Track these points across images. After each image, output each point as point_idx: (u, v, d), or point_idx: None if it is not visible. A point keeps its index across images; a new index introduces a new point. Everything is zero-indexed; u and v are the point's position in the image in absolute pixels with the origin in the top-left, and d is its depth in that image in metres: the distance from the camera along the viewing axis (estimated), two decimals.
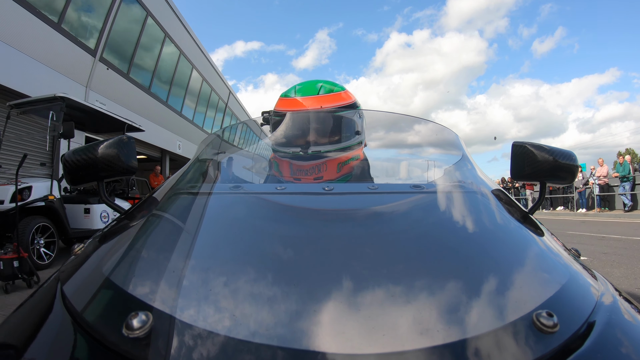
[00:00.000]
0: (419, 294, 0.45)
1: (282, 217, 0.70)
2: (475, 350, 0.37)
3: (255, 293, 0.44)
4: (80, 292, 0.51)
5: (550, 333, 0.39)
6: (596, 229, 7.60)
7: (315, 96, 1.23)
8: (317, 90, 1.25)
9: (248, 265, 0.51)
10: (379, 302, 0.42)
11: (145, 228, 0.67)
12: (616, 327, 0.45)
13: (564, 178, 0.75)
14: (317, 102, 1.20)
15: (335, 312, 0.41)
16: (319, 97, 1.22)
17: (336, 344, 0.37)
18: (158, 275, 0.50)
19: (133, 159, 0.80)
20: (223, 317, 0.41)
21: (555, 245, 0.66)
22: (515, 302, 0.44)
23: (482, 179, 0.89)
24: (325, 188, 0.75)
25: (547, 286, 0.49)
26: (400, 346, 0.37)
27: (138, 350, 0.38)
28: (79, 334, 0.42)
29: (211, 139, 1.15)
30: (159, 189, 0.89)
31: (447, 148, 1.10)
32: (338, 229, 0.63)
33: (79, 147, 0.78)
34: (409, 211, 0.72)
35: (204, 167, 1.02)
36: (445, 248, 0.58)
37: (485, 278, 0.49)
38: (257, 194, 0.81)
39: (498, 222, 0.70)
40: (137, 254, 0.59)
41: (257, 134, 1.31)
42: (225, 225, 0.67)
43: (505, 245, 0.62)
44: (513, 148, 0.80)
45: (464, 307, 0.43)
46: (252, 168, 1.21)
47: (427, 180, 1.07)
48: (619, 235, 6.17)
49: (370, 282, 0.46)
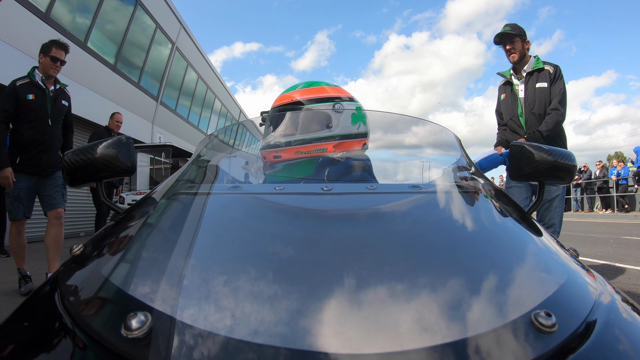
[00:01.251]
0: (417, 293, 0.45)
1: (281, 217, 0.70)
2: (473, 350, 0.37)
3: (254, 293, 0.44)
4: (79, 292, 0.51)
5: (549, 333, 0.39)
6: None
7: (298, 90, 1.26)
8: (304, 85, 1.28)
9: (247, 265, 0.51)
10: (378, 301, 0.42)
11: (144, 228, 0.67)
12: (615, 327, 0.45)
13: (563, 178, 0.76)
14: (299, 94, 1.24)
15: (334, 311, 0.41)
16: (302, 90, 1.26)
17: (335, 343, 0.37)
18: (157, 276, 0.50)
19: (132, 159, 0.80)
20: (222, 317, 0.41)
21: (553, 245, 0.66)
22: (513, 302, 0.44)
23: (480, 179, 0.89)
24: (324, 188, 0.75)
25: (546, 286, 0.49)
26: (399, 346, 0.37)
27: (137, 350, 0.37)
28: (77, 335, 0.42)
29: (209, 139, 1.15)
30: (158, 189, 0.89)
31: (445, 148, 1.10)
32: (337, 229, 0.63)
33: (78, 147, 0.78)
34: (407, 211, 0.73)
35: (203, 167, 1.02)
36: (444, 248, 0.58)
37: (483, 278, 0.50)
38: (256, 194, 0.81)
39: (496, 222, 0.70)
40: (135, 255, 0.59)
41: (255, 135, 1.32)
42: (224, 225, 0.67)
43: (504, 245, 0.62)
44: (512, 148, 0.81)
45: (463, 307, 0.43)
46: (250, 168, 1.21)
47: (425, 180, 1.07)
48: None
49: (369, 281, 0.46)
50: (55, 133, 2.88)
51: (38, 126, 2.78)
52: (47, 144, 2.82)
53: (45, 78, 2.83)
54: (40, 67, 2.82)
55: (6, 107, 2.71)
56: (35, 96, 2.76)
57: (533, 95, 2.45)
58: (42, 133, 2.79)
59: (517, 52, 2.50)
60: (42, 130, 2.79)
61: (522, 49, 2.53)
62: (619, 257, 4.20)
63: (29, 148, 2.74)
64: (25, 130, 2.74)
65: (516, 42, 2.50)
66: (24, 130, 2.74)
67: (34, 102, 2.75)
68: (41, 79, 2.82)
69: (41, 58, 2.81)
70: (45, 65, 2.80)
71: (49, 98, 2.83)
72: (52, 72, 2.83)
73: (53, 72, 2.84)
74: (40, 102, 2.78)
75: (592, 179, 12.88)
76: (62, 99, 2.95)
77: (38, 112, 2.77)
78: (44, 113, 2.80)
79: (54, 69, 2.83)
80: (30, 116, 2.74)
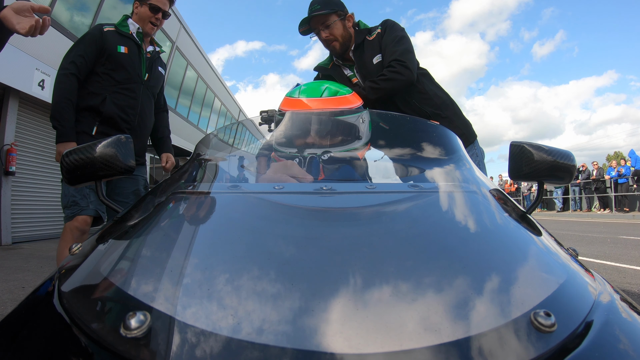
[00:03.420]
0: (417, 293, 0.45)
1: (281, 217, 0.70)
2: (472, 349, 0.37)
3: (254, 292, 0.44)
4: (78, 291, 0.51)
5: (548, 332, 0.40)
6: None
7: (319, 98, 1.21)
8: (321, 92, 1.24)
9: (246, 264, 0.51)
10: (378, 301, 0.42)
11: (143, 228, 0.67)
12: (614, 327, 0.45)
13: (562, 178, 0.76)
14: (322, 104, 1.19)
15: (334, 311, 0.41)
16: (324, 99, 1.21)
17: (336, 343, 0.37)
18: (156, 275, 0.49)
19: (131, 159, 0.80)
20: (221, 317, 0.41)
21: (553, 245, 0.66)
22: (513, 302, 0.44)
23: (480, 179, 0.89)
24: (323, 187, 0.75)
25: (545, 285, 0.49)
26: (399, 345, 0.37)
27: (136, 350, 0.37)
28: (76, 334, 0.42)
29: (208, 138, 1.15)
30: (157, 188, 0.88)
31: (445, 148, 1.10)
32: (336, 228, 0.63)
33: (77, 147, 0.78)
34: (407, 210, 0.73)
35: (202, 166, 1.02)
36: (443, 247, 0.58)
37: (482, 277, 0.50)
38: (256, 193, 0.81)
39: (496, 222, 0.70)
40: (135, 254, 0.59)
41: (254, 134, 1.32)
42: (224, 224, 0.67)
43: (503, 245, 0.62)
44: (511, 148, 0.81)
45: (462, 306, 0.43)
46: (250, 167, 1.21)
47: (425, 180, 1.07)
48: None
49: (369, 281, 0.46)
50: (148, 108, 2.01)
51: (127, 93, 1.87)
52: (137, 119, 1.92)
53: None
54: (134, 20, 1.93)
55: (81, 51, 1.77)
56: (129, 50, 1.87)
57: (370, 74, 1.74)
58: (132, 105, 1.88)
59: (338, 37, 1.74)
60: (132, 99, 1.88)
61: (343, 30, 1.74)
62: (615, 256, 4.21)
63: (110, 122, 1.83)
64: (109, 95, 1.81)
65: (334, 24, 1.72)
66: (105, 94, 1.81)
67: (127, 57, 1.86)
68: (137, 31, 1.92)
69: (136, 7, 1.92)
70: (142, 17, 1.90)
71: (145, 59, 1.96)
72: (149, 28, 1.93)
73: (150, 29, 1.94)
74: (134, 60, 1.90)
75: (589, 179, 12.99)
76: (159, 66, 2.08)
77: (131, 73, 1.88)
78: (137, 76, 1.91)
79: (152, 24, 1.92)
80: (119, 76, 1.84)
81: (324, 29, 1.72)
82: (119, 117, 1.85)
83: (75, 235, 1.74)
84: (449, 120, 1.71)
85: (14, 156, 5.67)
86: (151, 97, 2.05)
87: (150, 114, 2.06)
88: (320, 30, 1.74)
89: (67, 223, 1.76)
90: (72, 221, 1.75)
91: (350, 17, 1.76)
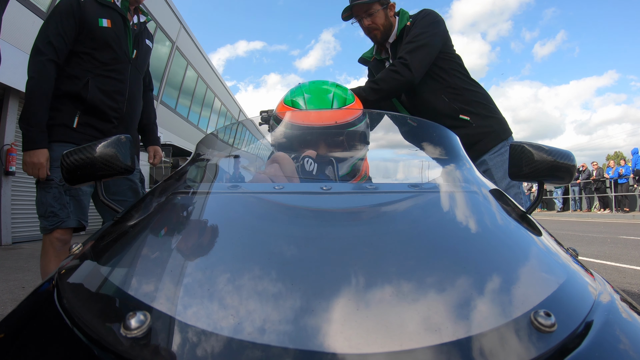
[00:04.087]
0: (417, 293, 0.45)
1: (281, 217, 0.70)
2: (473, 349, 0.37)
3: (254, 292, 0.44)
4: (78, 292, 0.51)
5: (548, 332, 0.40)
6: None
7: (329, 110, 1.16)
8: (331, 103, 1.19)
9: (246, 264, 0.51)
10: (379, 301, 0.42)
11: (143, 228, 0.67)
12: (614, 327, 0.45)
13: (562, 178, 0.76)
14: (331, 117, 1.12)
15: (335, 311, 0.41)
16: (335, 111, 1.15)
17: (337, 343, 0.37)
18: (156, 275, 0.49)
19: (131, 158, 0.80)
20: (222, 317, 0.41)
21: (553, 245, 0.66)
22: (513, 302, 0.44)
23: (479, 179, 0.89)
24: (323, 187, 0.75)
25: (545, 286, 0.49)
26: (399, 345, 0.37)
27: (136, 350, 0.37)
28: (76, 334, 0.42)
29: (208, 138, 1.15)
30: (157, 188, 0.88)
31: (445, 148, 1.10)
32: (336, 228, 0.63)
33: (77, 147, 0.78)
34: (407, 210, 0.73)
35: (201, 166, 1.02)
36: (443, 247, 0.58)
37: (482, 277, 0.50)
38: (255, 193, 0.81)
39: (496, 222, 0.70)
40: (134, 254, 0.59)
41: (254, 134, 1.31)
42: (223, 224, 0.67)
43: (503, 245, 0.62)
44: (511, 148, 0.81)
45: (462, 306, 0.43)
46: (250, 167, 1.21)
47: (425, 180, 1.07)
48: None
49: (370, 281, 0.46)
50: (137, 92, 1.72)
51: (114, 76, 1.58)
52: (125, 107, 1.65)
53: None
54: None
55: (59, 29, 1.46)
56: (112, 23, 1.56)
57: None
58: (119, 90, 1.61)
59: (379, 25, 1.73)
60: (120, 83, 1.61)
61: (385, 20, 1.73)
62: (615, 256, 4.22)
63: (95, 111, 1.55)
64: (92, 78, 1.53)
65: (377, 12, 1.70)
66: (88, 77, 1.52)
67: (112, 32, 1.56)
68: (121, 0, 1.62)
69: None
70: None
71: (131, 32, 1.65)
72: None
73: None
74: (120, 36, 1.59)
75: (589, 179, 13.03)
76: (145, 38, 1.77)
77: (117, 52, 1.59)
78: (124, 55, 1.62)
79: None
80: (103, 57, 1.55)
81: (367, 17, 1.71)
82: (106, 105, 1.56)
83: (57, 247, 1.57)
84: (481, 117, 1.73)
85: (14, 156, 5.67)
86: (140, 78, 1.76)
87: (140, 98, 1.78)
88: (362, 18, 1.73)
89: (46, 235, 1.56)
90: (53, 233, 1.56)
91: (392, 6, 1.76)
